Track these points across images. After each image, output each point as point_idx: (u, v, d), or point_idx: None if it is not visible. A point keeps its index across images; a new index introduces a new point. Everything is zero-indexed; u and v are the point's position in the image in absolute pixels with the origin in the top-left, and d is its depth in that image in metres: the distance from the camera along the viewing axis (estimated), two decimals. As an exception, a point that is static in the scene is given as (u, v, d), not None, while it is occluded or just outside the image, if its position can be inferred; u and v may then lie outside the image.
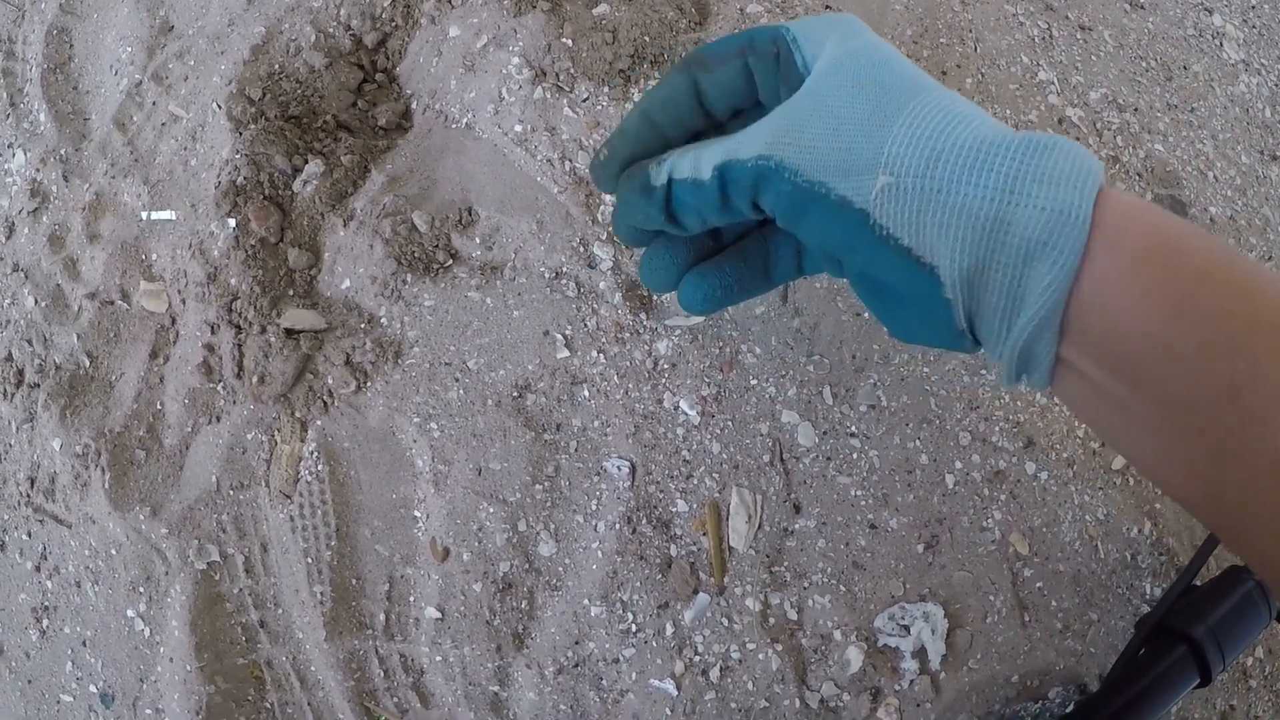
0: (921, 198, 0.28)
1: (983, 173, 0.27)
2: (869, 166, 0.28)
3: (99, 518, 0.74)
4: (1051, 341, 0.27)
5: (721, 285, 0.36)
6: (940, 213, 0.27)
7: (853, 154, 0.29)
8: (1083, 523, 0.72)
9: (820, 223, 0.30)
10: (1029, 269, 0.27)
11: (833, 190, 0.29)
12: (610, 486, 0.69)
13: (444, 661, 0.68)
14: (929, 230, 0.28)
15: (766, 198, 0.31)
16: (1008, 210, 0.26)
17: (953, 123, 0.28)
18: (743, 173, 0.31)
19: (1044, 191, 0.26)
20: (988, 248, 0.27)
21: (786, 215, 0.31)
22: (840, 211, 0.29)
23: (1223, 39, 0.93)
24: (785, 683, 0.66)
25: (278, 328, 0.72)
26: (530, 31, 0.76)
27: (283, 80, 0.79)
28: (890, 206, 0.28)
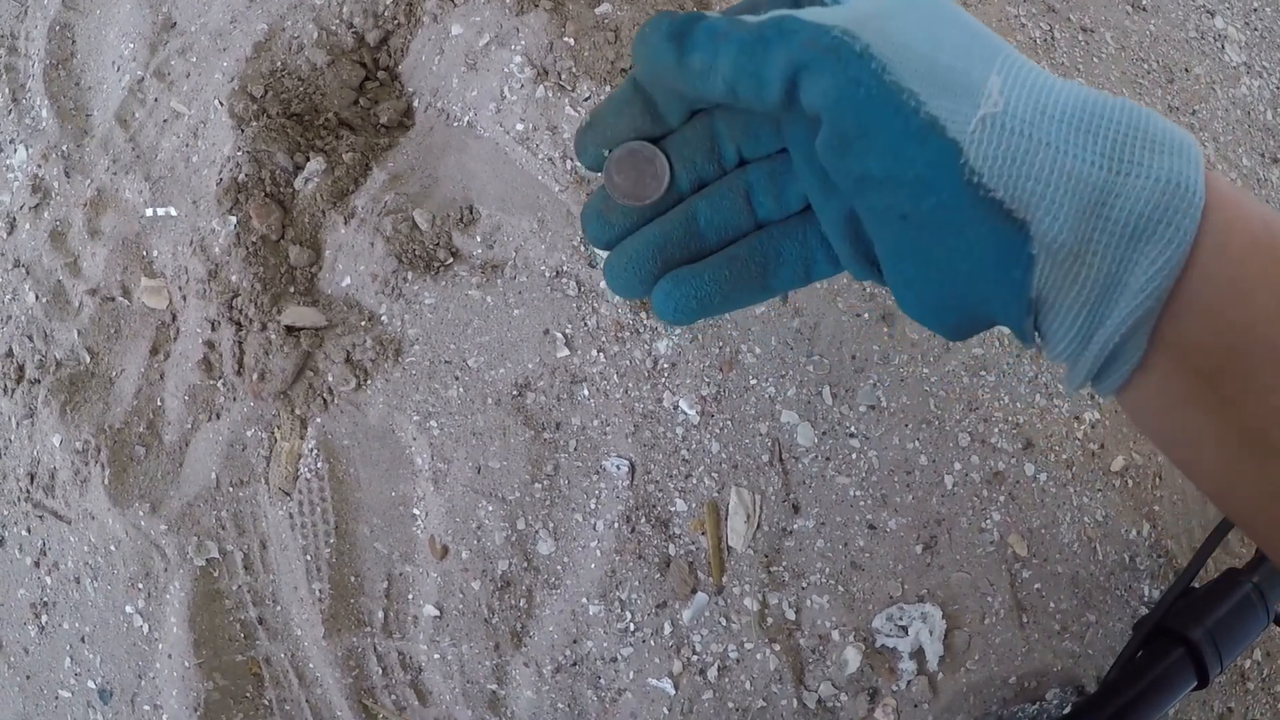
0: (1029, 146, 0.23)
1: (1091, 135, 0.23)
2: (970, 90, 0.23)
3: (98, 514, 0.75)
4: (1143, 342, 0.23)
5: (701, 292, 0.29)
6: (1047, 170, 0.23)
7: (953, 72, 0.23)
8: (1081, 524, 0.72)
9: (894, 144, 0.23)
10: (1133, 252, 0.23)
11: (924, 105, 0.23)
12: (609, 485, 0.69)
13: (442, 659, 0.68)
14: (1030, 186, 0.23)
15: (827, 85, 0.24)
16: (1116, 181, 0.22)
17: (1047, 81, 0.24)
18: (815, 33, 0.24)
19: (1156, 160, 0.22)
20: (1089, 225, 0.23)
21: (844, 123, 0.24)
22: (926, 135, 0.23)
23: (1224, 41, 0.93)
24: (783, 682, 0.66)
25: (278, 325, 0.72)
26: (532, 30, 0.76)
27: (285, 77, 0.79)
28: (992, 146, 0.23)
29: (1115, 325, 0.23)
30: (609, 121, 0.29)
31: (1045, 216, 0.23)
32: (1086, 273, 0.23)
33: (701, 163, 0.30)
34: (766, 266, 0.30)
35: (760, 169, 0.30)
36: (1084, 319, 0.24)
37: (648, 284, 0.30)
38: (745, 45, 0.25)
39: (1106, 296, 0.23)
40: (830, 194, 0.28)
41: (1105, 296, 0.23)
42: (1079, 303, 0.24)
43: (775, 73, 0.24)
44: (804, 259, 0.30)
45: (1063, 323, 0.24)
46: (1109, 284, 0.23)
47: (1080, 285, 0.23)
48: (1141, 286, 0.23)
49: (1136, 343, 0.23)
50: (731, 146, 0.30)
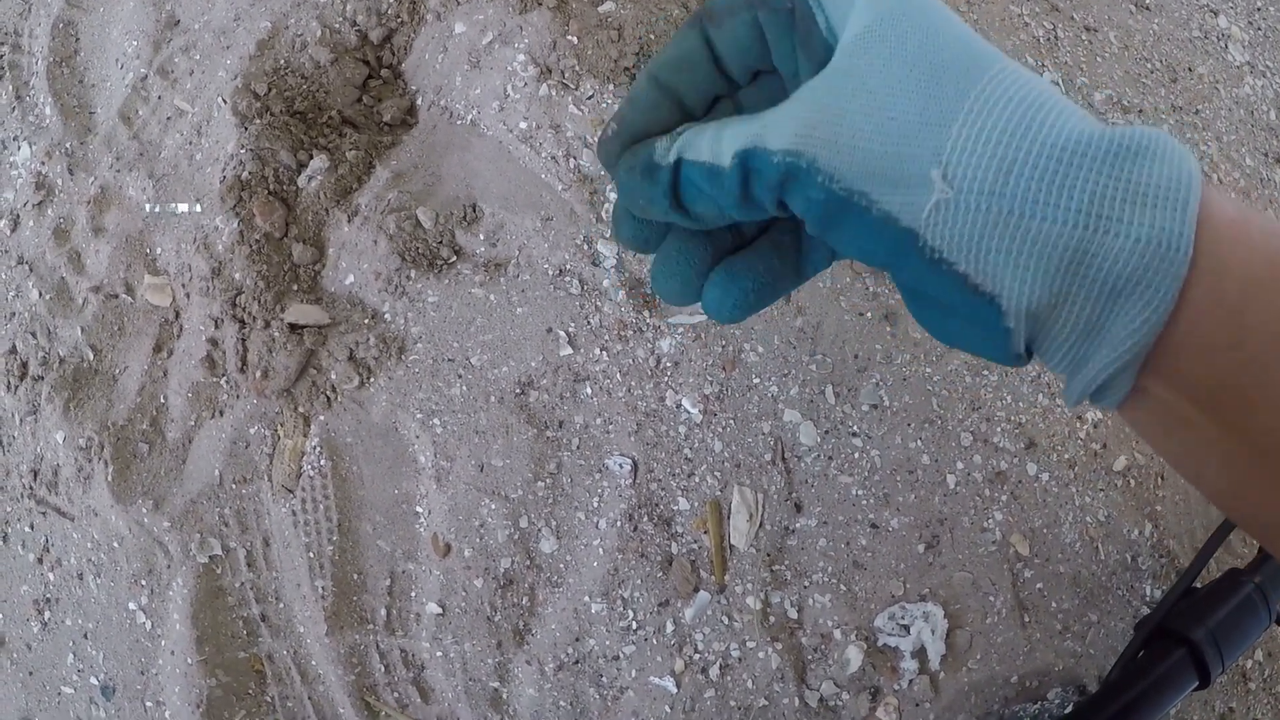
0: (986, 220, 0.22)
1: (1064, 191, 0.22)
2: (921, 177, 0.23)
3: (101, 510, 0.75)
4: (1131, 377, 0.23)
5: (756, 286, 0.29)
6: (1009, 240, 0.22)
7: (902, 160, 0.23)
8: (1083, 524, 0.72)
9: (858, 237, 0.25)
10: (1113, 308, 0.22)
11: (875, 204, 0.24)
12: (612, 484, 0.69)
13: (444, 657, 0.68)
14: (994, 259, 0.22)
15: (796, 201, 0.25)
16: (1093, 240, 0.22)
17: (1027, 118, 0.22)
18: (768, 168, 0.25)
19: (1138, 215, 0.22)
20: (1064, 282, 0.22)
21: (818, 225, 0.25)
22: (883, 228, 0.24)
23: (1228, 41, 0.93)
24: (785, 681, 0.66)
25: (282, 322, 0.72)
26: (536, 28, 0.76)
27: (288, 75, 0.79)
28: (946, 228, 0.23)
29: (1098, 368, 0.23)
30: (636, 123, 0.29)
31: (1014, 284, 0.23)
32: (1067, 321, 0.23)
33: None
34: (801, 250, 0.30)
35: None
36: (1069, 355, 0.24)
37: (699, 283, 0.30)
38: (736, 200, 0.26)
39: (1089, 343, 0.23)
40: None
41: (1088, 343, 0.23)
42: (1065, 344, 0.24)
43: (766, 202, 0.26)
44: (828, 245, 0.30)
45: (1053, 356, 0.25)
46: (1090, 332, 0.23)
47: (1063, 330, 0.23)
48: (1121, 340, 0.22)
49: (1124, 380, 0.23)
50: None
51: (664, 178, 0.27)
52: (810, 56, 0.27)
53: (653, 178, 0.28)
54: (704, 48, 0.29)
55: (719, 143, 0.26)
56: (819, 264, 0.31)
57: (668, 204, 0.28)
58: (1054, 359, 0.25)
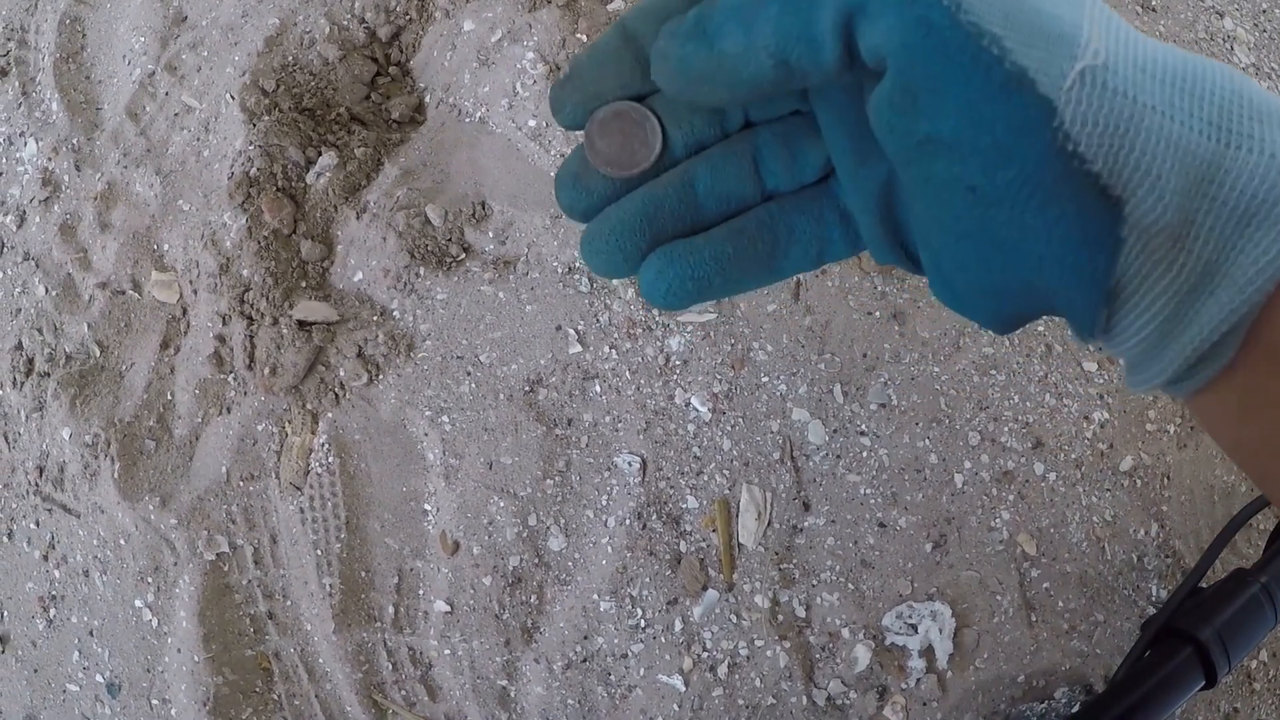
0: (1134, 112, 0.19)
1: (1197, 99, 0.19)
2: (1064, 38, 0.19)
3: (108, 507, 0.75)
4: (1238, 340, 0.20)
5: (699, 272, 0.25)
6: (1154, 140, 0.19)
7: (1042, 15, 0.19)
8: (1090, 524, 0.72)
9: (971, 102, 0.19)
10: (1240, 237, 0.19)
11: (1010, 53, 0.19)
12: (621, 482, 0.69)
13: (452, 655, 0.68)
14: (1133, 160, 0.19)
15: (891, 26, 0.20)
16: (1225, 155, 0.19)
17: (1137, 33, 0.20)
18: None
19: (1267, 133, 0.19)
20: (1194, 203, 0.19)
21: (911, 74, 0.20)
22: (1011, 91, 0.19)
23: (1234, 43, 0.93)
24: (793, 680, 0.66)
25: (290, 319, 0.72)
26: (545, 26, 0.76)
27: (296, 72, 0.79)
28: (1092, 109, 0.19)
29: (1211, 321, 0.20)
30: (591, 76, 0.25)
31: (1148, 195, 0.19)
32: (1184, 259, 0.20)
33: (701, 126, 0.25)
34: (776, 244, 0.26)
35: (771, 131, 0.25)
36: (1172, 312, 0.20)
37: (634, 260, 0.25)
38: (785, 3, 0.21)
39: (1203, 287, 0.20)
40: (866, 161, 0.24)
41: (1202, 287, 0.20)
42: (1169, 293, 0.20)
43: (827, 25, 0.20)
44: (818, 237, 0.26)
45: (1143, 316, 0.21)
46: (1208, 273, 0.20)
47: (1175, 273, 0.20)
48: (1250, 278, 0.19)
49: (1231, 341, 0.20)
50: (738, 107, 0.25)
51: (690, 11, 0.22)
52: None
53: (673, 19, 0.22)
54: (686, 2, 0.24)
55: None
56: (803, 259, 0.26)
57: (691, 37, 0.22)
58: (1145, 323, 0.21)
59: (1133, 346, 0.22)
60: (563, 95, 0.25)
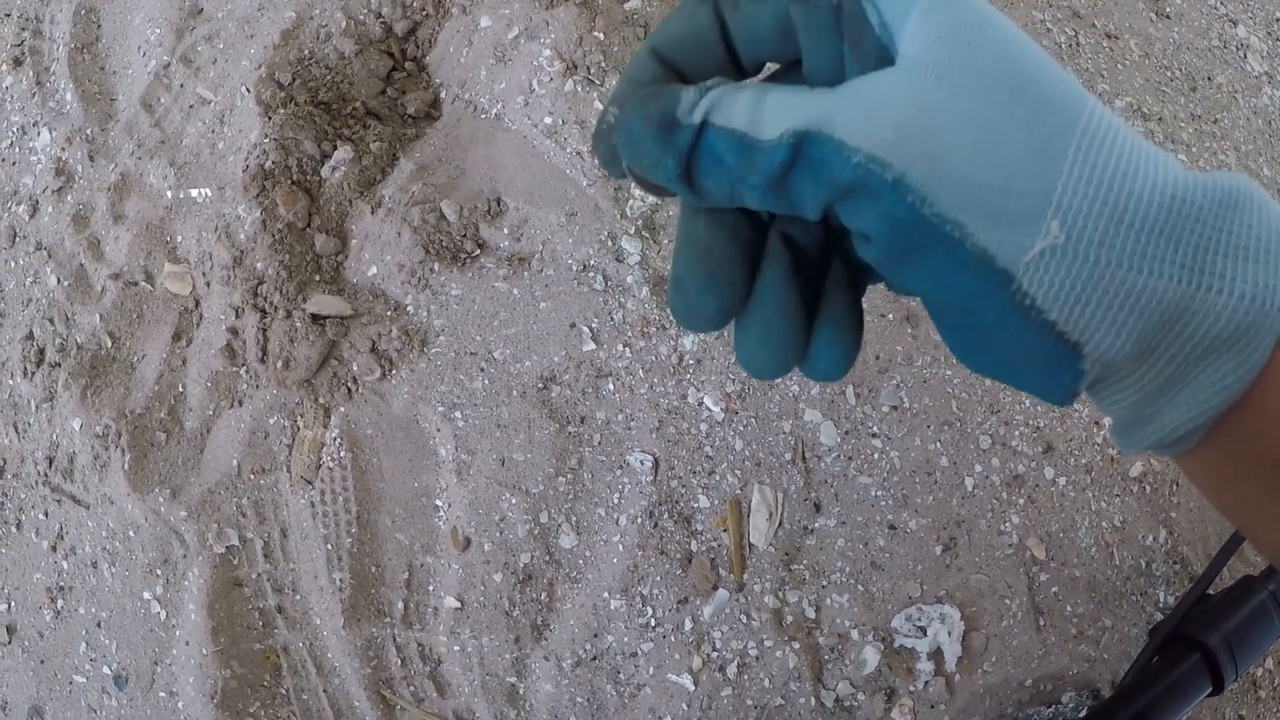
0: (1093, 273, 0.20)
1: (1172, 245, 0.20)
2: (1029, 216, 0.20)
3: (117, 499, 0.74)
4: (1203, 431, 0.22)
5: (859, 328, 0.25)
6: (1111, 294, 0.21)
7: (1009, 195, 0.20)
8: (1099, 529, 0.73)
9: (939, 273, 0.21)
10: (1201, 363, 0.21)
11: (970, 238, 0.20)
12: (633, 480, 0.69)
13: (462, 651, 0.68)
14: (1090, 311, 0.21)
15: (863, 218, 0.21)
16: (1194, 297, 0.21)
17: (1133, 163, 0.21)
18: (839, 166, 0.21)
19: (1240, 271, 0.21)
20: (1157, 337, 0.21)
21: (886, 252, 0.22)
22: (973, 266, 0.21)
23: (1247, 51, 0.93)
24: (801, 681, 0.67)
25: (303, 313, 0.72)
26: (562, 24, 0.76)
27: (312, 65, 0.79)
28: (1048, 275, 0.20)
29: (1175, 422, 0.22)
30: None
31: (1105, 338, 0.21)
32: (1146, 373, 0.22)
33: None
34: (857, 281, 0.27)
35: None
36: (1138, 406, 0.22)
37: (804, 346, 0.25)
38: (767, 186, 0.22)
39: (1164, 394, 0.22)
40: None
41: (1163, 393, 0.22)
42: (1135, 393, 0.22)
43: (807, 202, 0.22)
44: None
45: (1114, 408, 0.23)
46: (1168, 385, 0.22)
47: (1138, 381, 0.22)
48: (1207, 396, 0.21)
49: (1196, 434, 0.22)
50: None
51: (683, 140, 0.22)
52: (861, 60, 0.23)
53: (668, 137, 0.23)
54: (716, 26, 0.25)
55: (759, 109, 0.22)
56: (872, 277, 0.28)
57: (676, 173, 0.23)
58: (1118, 405, 0.23)
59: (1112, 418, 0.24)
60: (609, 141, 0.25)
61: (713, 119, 0.22)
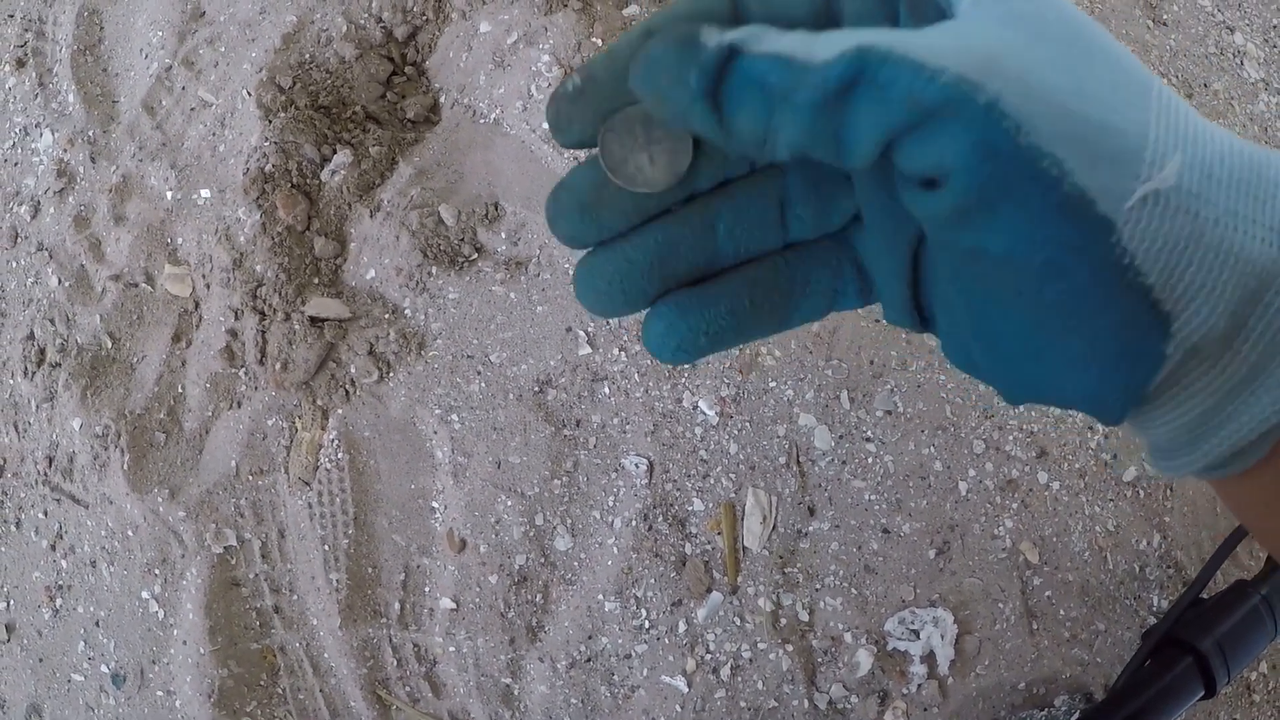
0: (1193, 225, 0.19)
1: (1261, 205, 0.19)
2: (1129, 155, 0.18)
3: (116, 499, 0.75)
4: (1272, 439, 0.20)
5: (715, 326, 0.23)
6: (1210, 252, 0.19)
7: (1108, 131, 0.18)
8: (1093, 533, 0.73)
9: (1027, 222, 0.19)
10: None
11: (1070, 175, 0.18)
12: (628, 483, 0.70)
13: (457, 652, 0.69)
14: (1189, 273, 0.19)
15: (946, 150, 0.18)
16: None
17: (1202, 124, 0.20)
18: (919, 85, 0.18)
19: None
20: (1247, 310, 0.19)
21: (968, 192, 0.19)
22: (1070, 213, 0.18)
23: (1243, 58, 0.94)
24: (795, 683, 0.67)
25: (302, 315, 0.72)
26: (561, 30, 0.77)
27: (313, 70, 0.80)
28: (1153, 226, 0.19)
29: (1250, 423, 0.20)
30: (607, 87, 0.21)
31: (1202, 307, 0.19)
32: (1229, 361, 0.20)
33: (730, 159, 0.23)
34: (790, 295, 0.24)
35: (803, 172, 0.23)
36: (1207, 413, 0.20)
37: (636, 304, 0.23)
38: (817, 108, 0.19)
39: (1244, 388, 0.20)
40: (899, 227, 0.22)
41: (1242, 388, 0.20)
42: (1206, 394, 0.20)
43: (864, 136, 0.19)
44: (832, 289, 0.24)
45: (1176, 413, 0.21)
46: (1250, 376, 0.20)
47: (1217, 375, 0.20)
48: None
49: (1266, 441, 0.20)
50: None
51: (708, 56, 0.19)
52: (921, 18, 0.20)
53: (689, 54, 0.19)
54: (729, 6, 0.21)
55: (810, 40, 0.19)
56: (813, 311, 0.25)
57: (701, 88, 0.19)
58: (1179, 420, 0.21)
59: (1160, 436, 0.21)
60: (571, 109, 0.22)
61: (749, 46, 0.19)
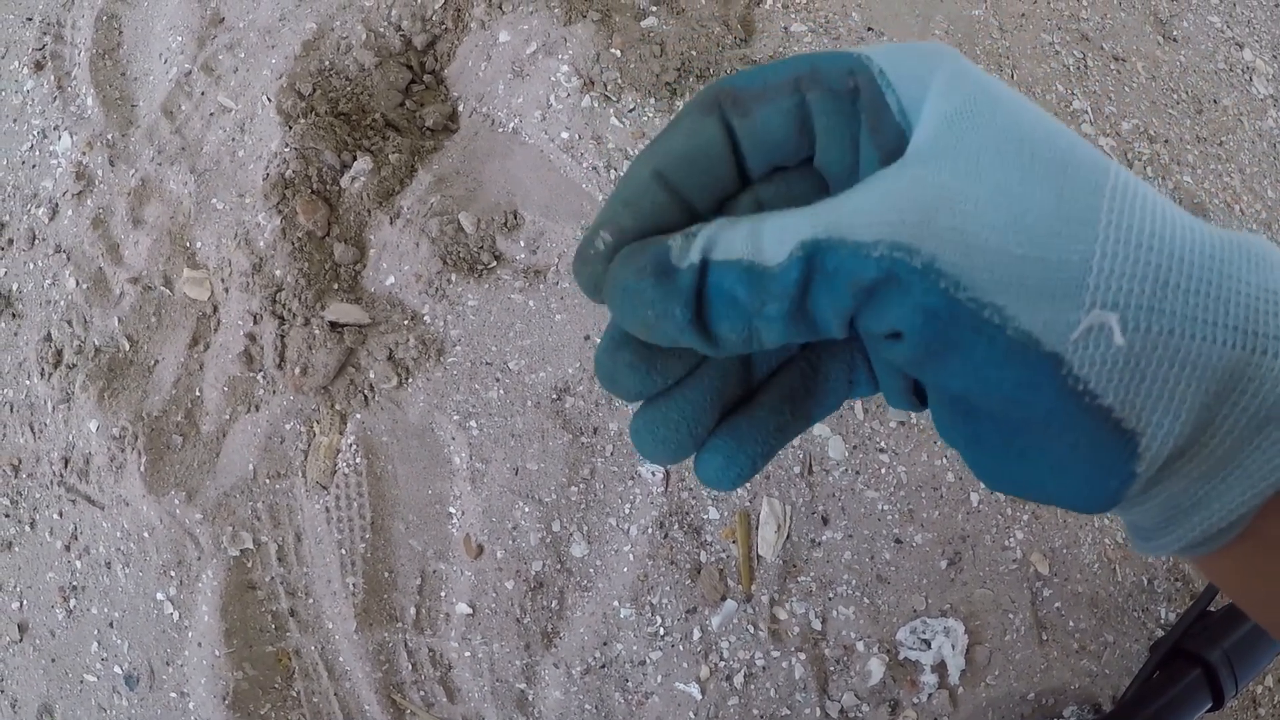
0: (1145, 342, 0.19)
1: (1221, 307, 0.19)
2: (1071, 288, 0.19)
3: (133, 500, 0.75)
4: (1248, 519, 0.21)
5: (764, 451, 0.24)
6: (1167, 365, 0.19)
7: (1047, 266, 0.19)
8: (1102, 545, 0.74)
9: (981, 366, 0.19)
10: (1257, 436, 0.20)
11: (1011, 321, 0.19)
12: (644, 491, 0.70)
13: (473, 657, 0.69)
14: (1147, 388, 0.19)
15: (893, 315, 0.19)
16: (1250, 361, 0.19)
17: (1165, 224, 0.20)
18: (857, 266, 0.19)
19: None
20: (1213, 410, 0.20)
21: (921, 350, 0.20)
22: (1018, 354, 0.19)
23: (1252, 74, 0.95)
24: (807, 691, 0.67)
25: (322, 320, 0.73)
26: (580, 40, 0.77)
27: (333, 77, 0.80)
28: (1099, 351, 0.19)
29: (1221, 510, 0.20)
30: (627, 227, 0.22)
31: (1164, 418, 0.19)
32: (1199, 458, 0.20)
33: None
34: (814, 396, 0.25)
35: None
36: (1181, 499, 0.21)
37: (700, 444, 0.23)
38: (788, 315, 0.20)
39: (1214, 476, 0.20)
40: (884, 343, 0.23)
41: (1213, 476, 0.20)
42: (1184, 481, 0.20)
43: (829, 319, 0.20)
44: (848, 381, 0.25)
45: (1154, 503, 0.21)
46: (1219, 466, 0.20)
47: (1187, 473, 0.20)
48: (1263, 474, 0.20)
49: (1239, 524, 0.20)
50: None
51: (685, 282, 0.20)
52: (881, 145, 0.21)
53: (668, 283, 0.20)
54: (724, 140, 0.22)
55: (759, 236, 0.20)
56: (834, 404, 0.25)
57: (687, 319, 0.20)
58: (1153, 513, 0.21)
59: (1138, 517, 0.22)
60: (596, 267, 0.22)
61: (713, 256, 0.20)
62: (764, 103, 0.22)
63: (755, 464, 0.24)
